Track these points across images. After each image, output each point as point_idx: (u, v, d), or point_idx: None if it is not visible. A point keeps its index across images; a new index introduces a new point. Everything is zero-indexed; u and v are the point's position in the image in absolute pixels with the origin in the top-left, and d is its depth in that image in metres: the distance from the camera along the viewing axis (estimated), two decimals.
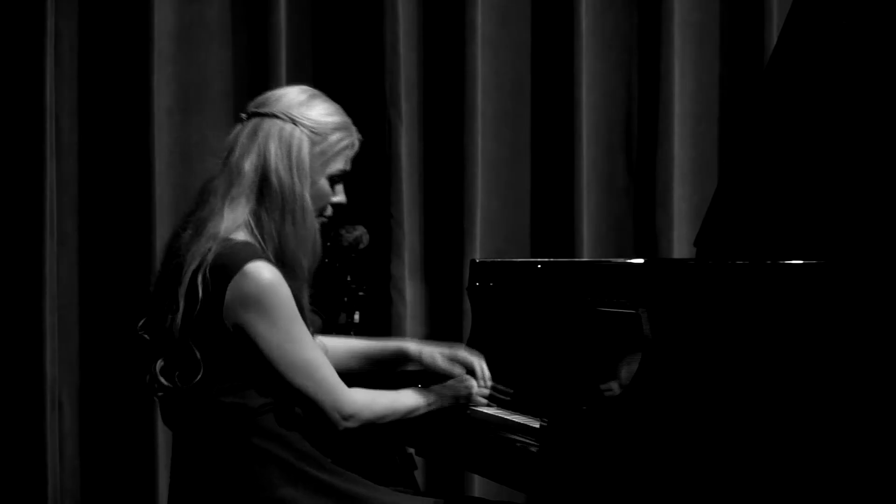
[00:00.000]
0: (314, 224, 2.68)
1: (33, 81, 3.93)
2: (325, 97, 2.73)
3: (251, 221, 2.62)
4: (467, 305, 3.80)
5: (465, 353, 2.96)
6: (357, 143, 2.76)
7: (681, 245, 4.51)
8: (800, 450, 2.52)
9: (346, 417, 2.66)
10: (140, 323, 2.67)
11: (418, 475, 3.51)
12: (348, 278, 3.79)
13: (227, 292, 2.54)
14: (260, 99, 2.71)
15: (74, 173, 4.04)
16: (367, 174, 4.23)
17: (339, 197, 2.75)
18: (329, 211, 2.75)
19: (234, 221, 2.61)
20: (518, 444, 2.68)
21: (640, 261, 3.29)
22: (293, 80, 4.17)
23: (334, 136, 2.70)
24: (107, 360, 4.05)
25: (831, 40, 3.01)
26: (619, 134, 4.57)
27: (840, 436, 2.53)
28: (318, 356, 2.63)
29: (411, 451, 3.31)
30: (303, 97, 2.69)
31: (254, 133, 2.65)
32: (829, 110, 3.00)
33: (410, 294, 4.30)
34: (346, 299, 3.86)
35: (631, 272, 2.91)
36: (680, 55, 4.56)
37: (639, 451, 2.49)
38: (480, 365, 2.94)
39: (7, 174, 3.96)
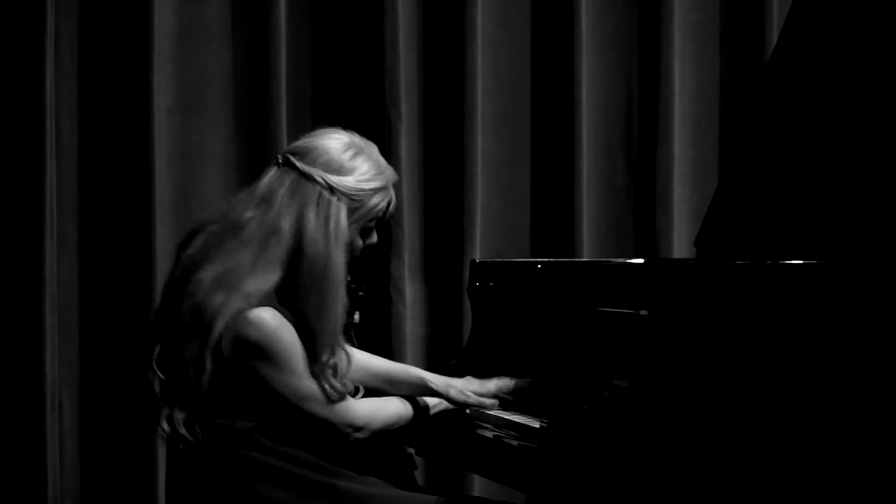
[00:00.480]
0: (344, 293, 2.64)
1: (33, 81, 3.92)
2: (368, 153, 2.66)
3: (280, 286, 2.58)
4: (467, 305, 3.80)
5: (497, 381, 2.94)
6: (394, 197, 2.70)
7: (681, 245, 4.51)
8: (800, 449, 2.52)
9: (358, 429, 2.68)
10: (155, 353, 2.63)
11: (418, 475, 3.51)
12: (348, 278, 3.78)
13: (227, 332, 2.53)
14: (301, 147, 2.64)
15: (74, 173, 4.04)
16: None
17: (372, 239, 2.72)
18: (358, 252, 2.71)
19: (267, 282, 2.56)
20: (518, 444, 2.68)
21: (640, 261, 3.29)
22: (293, 80, 4.18)
23: (373, 200, 2.65)
24: (107, 360, 4.05)
25: (831, 40, 3.01)
26: (619, 134, 4.57)
27: (840, 436, 2.53)
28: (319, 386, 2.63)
29: (411, 451, 3.31)
30: (345, 157, 2.62)
31: (292, 195, 2.59)
32: (829, 110, 3.00)
33: (410, 294, 4.30)
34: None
35: (631, 272, 2.91)
36: (680, 55, 4.56)
37: (639, 451, 2.49)
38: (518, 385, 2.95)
39: (7, 174, 3.95)
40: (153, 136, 4.02)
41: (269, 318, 2.54)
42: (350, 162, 2.63)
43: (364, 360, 2.98)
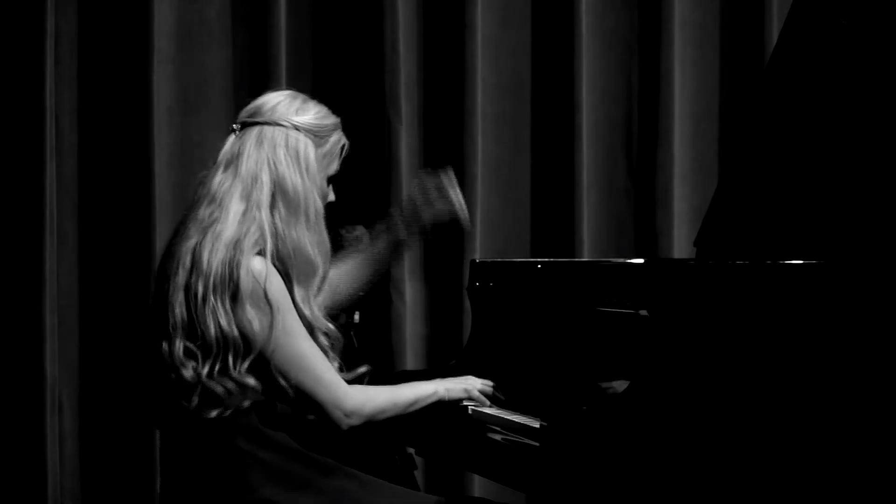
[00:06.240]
0: (326, 237, 2.72)
1: (33, 82, 3.92)
2: (313, 99, 2.78)
3: (268, 229, 2.64)
4: (467, 305, 3.80)
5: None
6: (347, 143, 2.81)
7: (681, 245, 4.51)
8: (800, 449, 2.52)
9: (349, 414, 2.67)
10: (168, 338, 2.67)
11: (418, 475, 3.51)
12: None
13: (231, 295, 2.58)
14: (251, 109, 2.74)
15: (74, 173, 4.04)
16: (367, 174, 4.23)
17: (332, 196, 2.80)
18: (326, 201, 2.78)
19: (258, 228, 2.63)
20: (518, 444, 2.68)
21: (640, 261, 3.30)
22: (293, 80, 4.18)
23: (333, 137, 2.75)
24: (107, 360, 4.05)
25: (831, 40, 3.01)
26: (619, 134, 4.57)
27: (840, 435, 2.53)
28: (313, 350, 2.65)
29: (411, 451, 3.31)
30: (296, 103, 2.73)
31: (260, 142, 2.68)
32: (829, 110, 3.00)
33: (410, 294, 4.30)
34: None
35: (631, 272, 2.92)
36: (680, 55, 4.56)
37: (639, 451, 2.49)
38: None
39: (7, 174, 3.96)
40: (153, 136, 4.02)
41: (257, 264, 2.59)
42: (303, 105, 2.74)
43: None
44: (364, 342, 3.71)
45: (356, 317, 3.68)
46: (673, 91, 4.53)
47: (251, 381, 2.59)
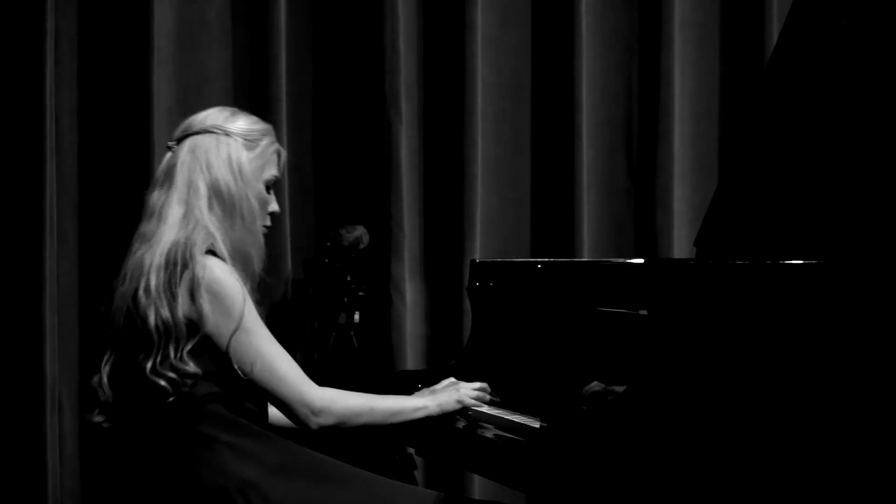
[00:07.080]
0: (261, 228, 2.77)
1: (33, 82, 3.92)
2: (244, 111, 2.84)
3: (212, 229, 2.68)
4: (467, 305, 3.80)
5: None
6: (283, 151, 2.86)
7: (681, 245, 4.51)
8: (800, 449, 2.52)
9: (317, 412, 2.67)
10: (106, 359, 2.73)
11: (418, 475, 3.51)
12: (348, 278, 3.79)
13: (181, 285, 2.60)
14: (184, 125, 2.80)
15: (74, 173, 4.04)
16: (368, 174, 4.23)
17: (274, 206, 2.83)
18: (268, 221, 2.82)
19: (202, 227, 2.67)
20: (518, 445, 2.68)
21: (640, 261, 3.30)
22: (293, 80, 4.18)
23: (265, 141, 2.79)
24: None
25: (831, 40, 3.01)
26: (619, 134, 4.57)
27: (840, 435, 2.53)
28: (277, 349, 2.66)
29: (411, 451, 3.31)
30: (226, 113, 2.80)
31: (193, 151, 2.74)
32: (829, 110, 3.00)
33: (410, 294, 4.30)
34: (346, 299, 3.86)
35: (631, 272, 2.91)
36: (680, 55, 4.56)
37: (639, 451, 2.49)
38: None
39: (7, 174, 3.95)
40: (153, 136, 4.02)
41: (218, 264, 2.63)
42: (232, 115, 2.81)
43: None
44: (364, 342, 3.72)
45: (356, 317, 3.69)
46: (673, 91, 4.53)
47: (191, 367, 2.60)
